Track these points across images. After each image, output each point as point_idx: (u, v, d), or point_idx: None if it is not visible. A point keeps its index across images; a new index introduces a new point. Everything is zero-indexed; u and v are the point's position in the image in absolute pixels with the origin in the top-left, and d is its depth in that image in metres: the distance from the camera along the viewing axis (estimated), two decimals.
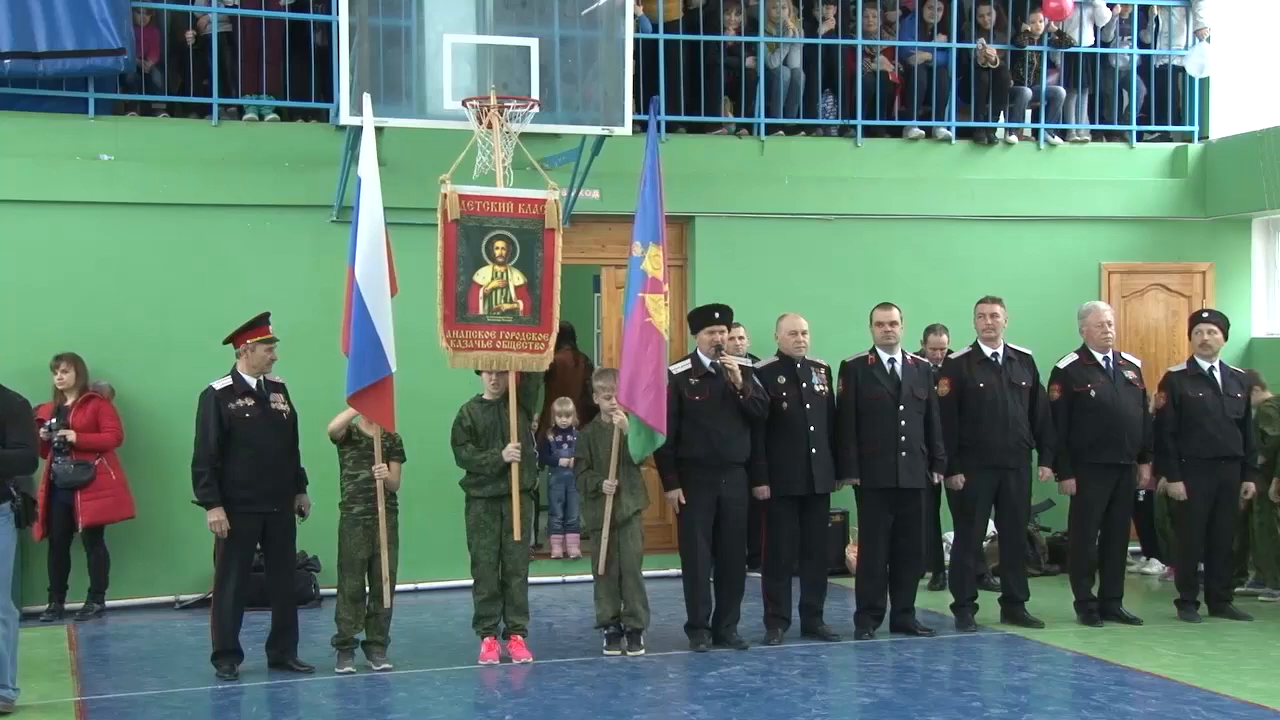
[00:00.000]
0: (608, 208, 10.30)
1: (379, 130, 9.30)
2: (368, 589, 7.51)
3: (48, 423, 8.92)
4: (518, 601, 7.67)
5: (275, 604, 7.59)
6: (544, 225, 7.67)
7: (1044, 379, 8.66)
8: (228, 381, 7.45)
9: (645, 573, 7.85)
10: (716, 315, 8.05)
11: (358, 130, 8.95)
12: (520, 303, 7.60)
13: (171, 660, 7.87)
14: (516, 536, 7.54)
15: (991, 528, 8.95)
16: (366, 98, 7.77)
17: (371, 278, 7.25)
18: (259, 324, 7.51)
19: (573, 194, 9.89)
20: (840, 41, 11.25)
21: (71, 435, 8.96)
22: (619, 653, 7.74)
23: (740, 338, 9.59)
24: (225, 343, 7.56)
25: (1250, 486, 8.85)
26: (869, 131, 11.24)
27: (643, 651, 7.74)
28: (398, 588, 7.69)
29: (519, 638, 7.70)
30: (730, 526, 7.92)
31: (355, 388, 7.23)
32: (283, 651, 7.52)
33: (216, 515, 7.27)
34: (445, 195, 7.51)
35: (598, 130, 9.09)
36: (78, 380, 9.11)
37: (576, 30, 8.96)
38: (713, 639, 7.93)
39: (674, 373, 7.96)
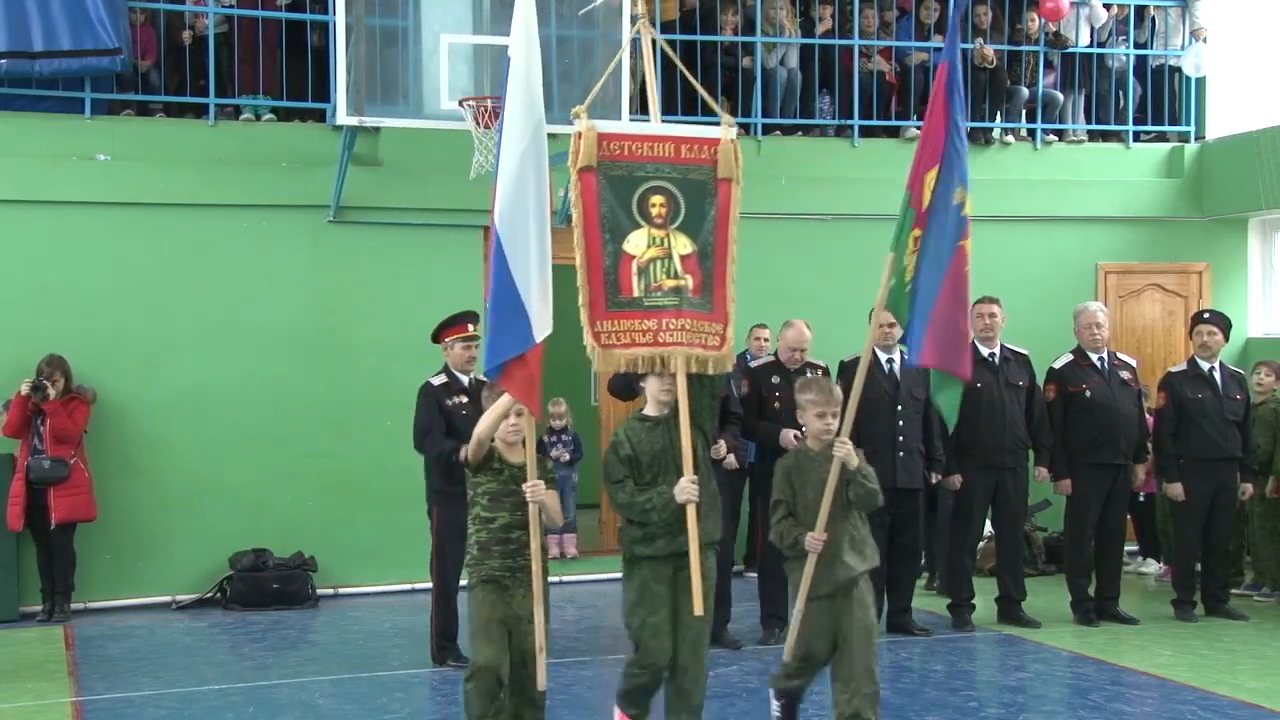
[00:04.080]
0: None
1: (375, 130, 9.33)
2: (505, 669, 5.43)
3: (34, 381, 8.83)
4: (694, 702, 5.48)
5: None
6: (716, 175, 5.60)
7: (1041, 379, 8.67)
8: (443, 378, 7.37)
9: None
10: None
11: (354, 130, 8.96)
12: (689, 279, 5.47)
13: (168, 661, 7.85)
14: (697, 609, 5.28)
15: (989, 528, 8.96)
16: None
17: (515, 224, 5.31)
18: (458, 321, 7.40)
19: (567, 194, 9.85)
20: (837, 41, 11.26)
21: (52, 392, 8.82)
22: None
23: (765, 339, 9.59)
24: (433, 340, 7.48)
25: (1248, 487, 8.87)
26: (866, 131, 11.25)
27: None
28: (392, 588, 7.63)
29: None
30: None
31: (496, 361, 5.28)
32: (445, 650, 7.44)
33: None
34: (580, 134, 5.46)
35: None
36: (66, 385, 9.03)
37: (574, 30, 8.97)
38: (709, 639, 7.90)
39: None
